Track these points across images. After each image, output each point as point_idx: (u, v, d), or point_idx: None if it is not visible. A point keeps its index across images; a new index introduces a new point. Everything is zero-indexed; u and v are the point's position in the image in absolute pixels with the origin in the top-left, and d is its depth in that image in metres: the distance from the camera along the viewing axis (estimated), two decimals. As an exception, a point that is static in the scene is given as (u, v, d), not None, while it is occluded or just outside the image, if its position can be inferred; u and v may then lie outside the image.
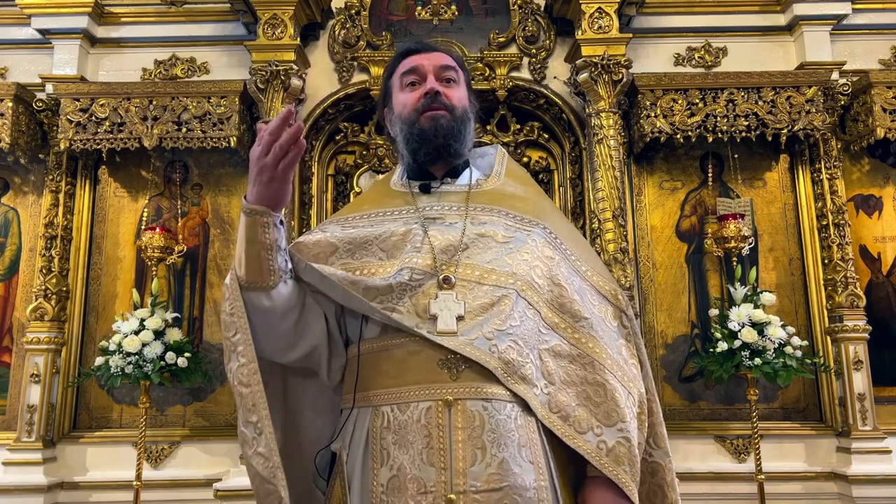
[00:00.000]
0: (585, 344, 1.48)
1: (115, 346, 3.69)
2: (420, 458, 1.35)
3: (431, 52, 1.67)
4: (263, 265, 1.44)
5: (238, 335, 1.45)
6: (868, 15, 4.35)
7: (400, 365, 1.43)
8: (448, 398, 1.37)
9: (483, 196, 1.64)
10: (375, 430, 1.41)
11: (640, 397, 1.50)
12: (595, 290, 1.58)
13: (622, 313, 1.59)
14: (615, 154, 3.87)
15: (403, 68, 1.66)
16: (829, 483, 3.84)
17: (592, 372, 1.46)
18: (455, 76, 1.66)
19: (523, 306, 1.46)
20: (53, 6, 4.20)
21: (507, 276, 1.47)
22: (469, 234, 1.53)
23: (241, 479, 3.60)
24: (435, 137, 1.59)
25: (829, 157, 4.12)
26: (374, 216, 1.62)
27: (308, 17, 4.20)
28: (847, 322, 3.92)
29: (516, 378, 1.39)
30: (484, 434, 1.35)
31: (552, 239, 1.59)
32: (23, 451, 3.82)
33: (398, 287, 1.45)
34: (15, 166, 4.29)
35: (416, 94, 1.62)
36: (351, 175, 4.46)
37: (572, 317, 1.50)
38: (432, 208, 1.60)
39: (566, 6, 4.12)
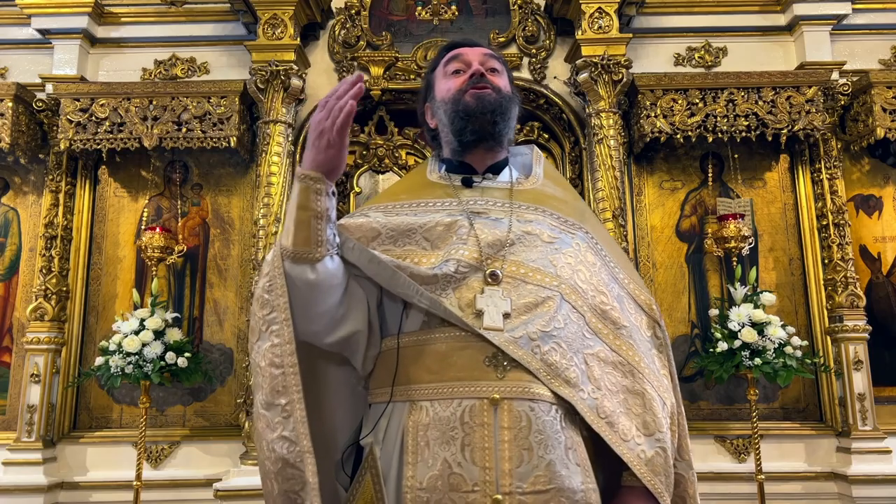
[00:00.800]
0: (626, 352, 1.47)
1: (115, 346, 3.69)
2: (462, 455, 1.33)
3: (475, 47, 1.67)
4: (312, 234, 1.39)
5: (274, 313, 1.40)
6: (868, 15, 4.35)
7: (443, 360, 1.40)
8: (494, 396, 1.34)
9: (525, 195, 1.62)
10: (414, 425, 1.39)
11: (672, 408, 1.50)
12: (632, 298, 1.58)
13: (656, 324, 1.58)
14: (615, 154, 3.87)
15: (448, 57, 1.66)
16: (829, 483, 3.84)
17: (633, 381, 1.45)
18: (499, 67, 1.65)
19: (567, 309, 1.44)
20: (53, 6, 4.20)
21: (552, 278, 1.46)
22: (515, 231, 1.51)
23: (241, 479, 3.60)
24: (482, 114, 1.56)
25: (829, 157, 4.12)
26: (416, 206, 1.59)
27: (308, 17, 4.20)
28: (847, 322, 3.92)
29: (560, 381, 1.38)
30: (531, 435, 1.33)
31: (593, 244, 1.58)
32: (23, 451, 3.82)
33: (443, 278, 1.42)
34: (15, 166, 4.29)
35: (461, 78, 1.61)
36: (351, 175, 4.46)
37: (613, 324, 1.49)
38: (476, 202, 1.57)
39: (566, 6, 4.12)
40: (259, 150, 4.01)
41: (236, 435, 3.86)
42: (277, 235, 1.47)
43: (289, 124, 4.02)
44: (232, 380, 4.08)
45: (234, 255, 4.22)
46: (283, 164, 3.93)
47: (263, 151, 3.95)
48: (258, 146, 4.05)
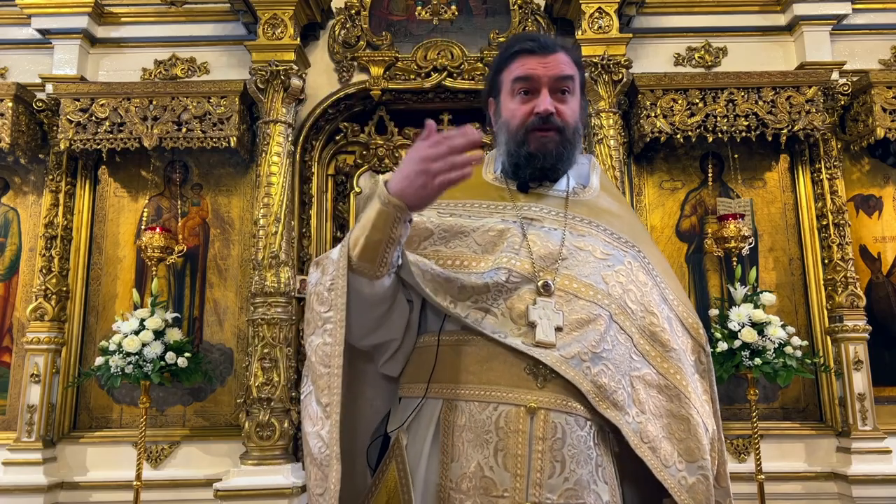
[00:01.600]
0: (674, 375, 1.46)
1: (115, 346, 3.68)
2: (495, 460, 1.33)
3: (548, 56, 1.54)
4: (379, 256, 1.36)
5: (331, 312, 1.39)
6: (868, 15, 4.35)
7: (483, 363, 1.39)
8: (532, 405, 1.34)
9: (580, 206, 1.60)
10: (449, 424, 1.39)
11: (713, 434, 1.49)
12: (679, 321, 1.56)
13: (701, 349, 1.57)
14: (615, 154, 3.87)
15: (516, 72, 1.55)
16: (829, 483, 3.84)
17: (679, 405, 1.44)
18: (571, 86, 1.56)
19: (615, 330, 1.43)
20: (53, 6, 4.20)
21: (604, 296, 1.44)
22: (568, 245, 1.49)
23: (241, 478, 3.60)
24: (543, 162, 1.54)
25: (829, 157, 4.12)
26: (470, 206, 1.57)
27: (308, 17, 4.20)
28: (847, 322, 3.92)
29: (608, 403, 1.37)
30: (564, 448, 1.33)
31: (645, 263, 1.56)
32: (23, 451, 3.82)
33: (494, 287, 1.41)
34: (15, 166, 4.29)
35: (527, 108, 1.53)
36: (351, 175, 4.46)
37: (662, 346, 1.47)
38: (531, 209, 1.55)
39: (566, 6, 4.12)
40: (259, 150, 4.01)
41: (236, 435, 3.86)
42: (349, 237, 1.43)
43: (289, 124, 4.01)
44: (232, 380, 4.08)
45: (234, 255, 4.22)
46: (283, 164, 3.93)
47: (263, 151, 3.95)
48: (258, 146, 4.05)
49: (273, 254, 3.83)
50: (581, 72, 1.61)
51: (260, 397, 3.69)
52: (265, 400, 3.68)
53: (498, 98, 1.61)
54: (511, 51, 1.58)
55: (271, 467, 3.62)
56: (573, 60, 1.58)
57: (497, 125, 1.62)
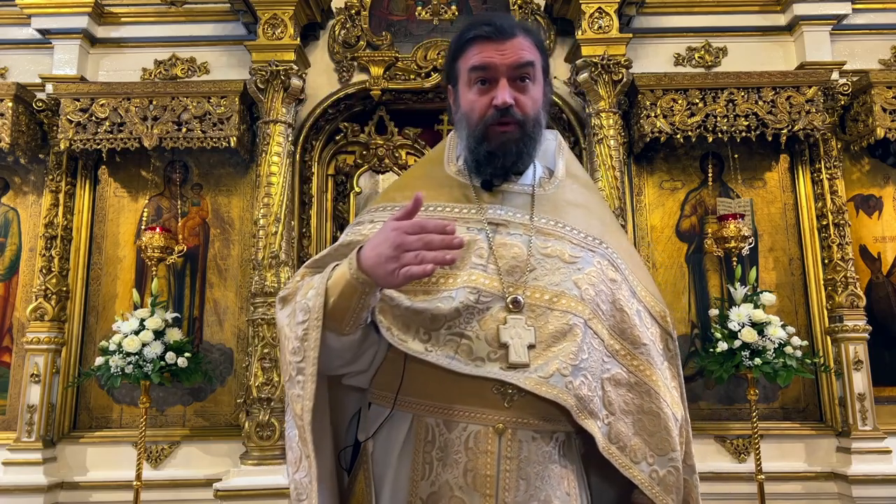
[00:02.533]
0: (643, 371, 1.46)
1: (115, 346, 3.69)
2: (464, 479, 1.33)
3: (506, 43, 1.45)
4: (347, 318, 1.34)
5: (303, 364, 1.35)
6: (868, 15, 4.35)
7: (452, 382, 1.36)
8: (499, 426, 1.34)
9: (547, 203, 1.55)
10: (419, 441, 1.38)
11: (682, 421, 1.50)
12: (647, 310, 1.55)
13: (668, 336, 1.57)
14: (615, 154, 3.87)
15: (472, 61, 1.46)
16: (829, 483, 3.84)
17: (649, 400, 1.44)
18: (531, 73, 1.47)
19: (590, 336, 1.42)
20: (53, 6, 4.20)
21: (577, 303, 1.42)
22: (535, 253, 1.46)
23: (241, 479, 3.60)
24: (504, 161, 1.49)
25: (829, 157, 4.12)
26: (434, 210, 1.51)
27: (308, 17, 4.20)
28: (847, 322, 3.92)
29: (586, 413, 1.36)
30: (530, 465, 1.35)
31: (614, 259, 1.53)
32: (23, 451, 3.82)
33: (465, 311, 1.38)
34: (15, 166, 4.29)
35: (485, 101, 1.46)
36: (351, 175, 4.46)
37: (632, 343, 1.47)
38: (496, 212, 1.50)
39: (566, 6, 4.12)
40: (259, 150, 4.01)
41: (236, 435, 3.86)
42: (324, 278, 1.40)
43: (289, 124, 4.01)
44: (232, 380, 4.08)
45: (234, 255, 4.22)
46: (283, 164, 3.92)
47: (263, 151, 3.95)
48: (258, 146, 4.05)
49: (273, 254, 3.83)
50: (544, 55, 1.52)
51: (260, 397, 3.69)
52: (265, 400, 3.68)
53: (456, 87, 1.54)
54: (467, 37, 1.49)
55: (271, 467, 3.62)
56: (534, 44, 1.50)
57: (457, 116, 1.55)
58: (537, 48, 1.50)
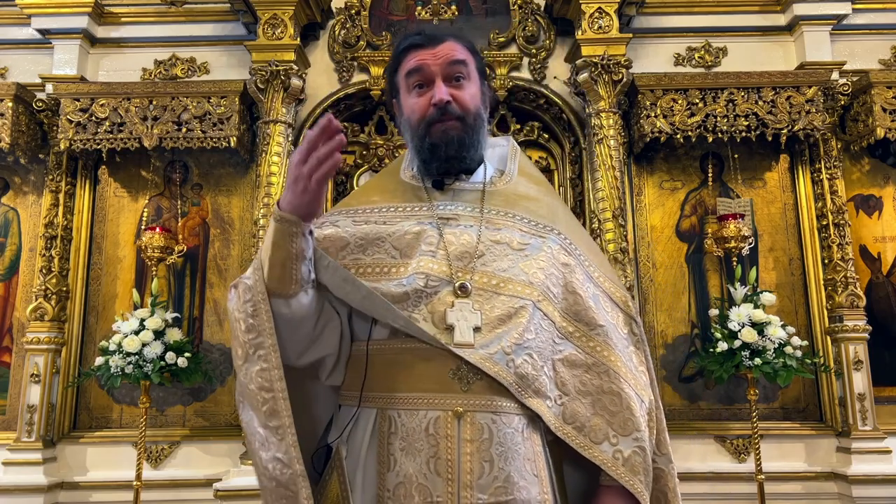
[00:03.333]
0: (601, 353, 1.46)
1: (115, 346, 3.69)
2: (427, 467, 1.35)
3: (437, 46, 1.54)
4: (286, 273, 1.39)
5: (261, 338, 1.39)
6: (868, 15, 4.35)
7: (410, 370, 1.41)
8: (458, 409, 1.36)
9: (497, 197, 1.60)
10: (383, 434, 1.40)
11: (650, 405, 1.49)
12: (607, 296, 1.56)
13: (632, 320, 1.57)
14: (615, 154, 3.87)
15: (408, 66, 1.55)
16: (829, 483, 3.84)
17: (608, 381, 1.44)
18: (464, 71, 1.55)
19: (539, 318, 1.44)
20: (53, 6, 4.20)
21: (524, 287, 1.44)
22: (485, 241, 1.49)
23: (241, 479, 3.60)
24: (447, 150, 1.53)
25: (829, 157, 4.12)
26: (386, 211, 1.57)
27: (308, 17, 4.20)
28: (847, 322, 3.92)
29: (530, 392, 1.38)
30: (492, 447, 1.35)
31: (567, 244, 1.55)
32: (23, 451, 3.82)
33: (414, 294, 1.42)
34: (15, 166, 4.29)
35: (424, 101, 1.53)
36: (351, 175, 4.46)
37: (587, 325, 1.48)
38: (446, 207, 1.55)
39: (566, 6, 4.12)
40: (259, 150, 4.01)
41: (236, 435, 3.86)
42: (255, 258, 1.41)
43: (289, 124, 4.02)
44: (232, 380, 4.07)
45: (234, 255, 4.22)
46: (283, 164, 3.92)
47: (263, 151, 3.95)
48: (258, 146, 4.05)
49: (273, 254, 3.82)
50: (477, 57, 1.60)
51: (260, 397, 3.68)
52: (265, 400, 3.68)
53: (399, 98, 1.61)
54: (401, 48, 1.59)
55: (271, 467, 3.61)
56: (465, 47, 1.58)
57: (402, 124, 1.62)
58: (469, 51, 1.59)
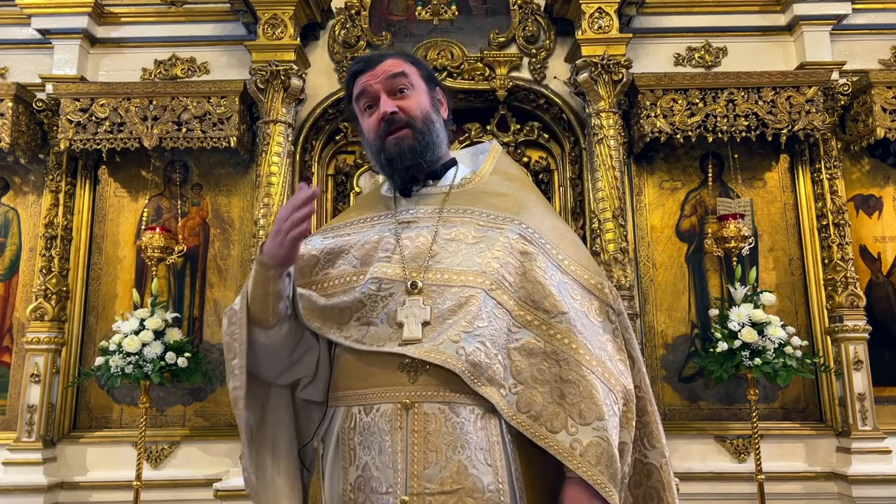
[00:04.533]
0: (561, 340, 1.43)
1: (115, 346, 3.69)
2: (380, 459, 1.39)
3: (377, 67, 1.63)
4: (265, 307, 1.50)
5: (236, 360, 1.50)
6: (868, 15, 4.35)
7: (366, 368, 1.46)
8: (406, 401, 1.39)
9: (462, 196, 1.64)
10: (344, 430, 1.46)
11: (626, 394, 1.45)
12: (577, 283, 1.53)
13: (608, 307, 1.53)
14: (615, 154, 3.87)
15: (356, 92, 1.66)
16: (829, 483, 3.84)
17: (568, 369, 1.41)
18: (406, 82, 1.63)
19: (492, 306, 1.45)
20: (53, 6, 4.20)
21: (476, 276, 1.47)
22: (439, 240, 1.54)
23: (241, 479, 3.59)
24: (402, 161, 1.60)
25: (829, 157, 4.12)
26: (357, 223, 1.68)
27: (308, 17, 4.20)
28: (847, 322, 3.92)
29: (483, 380, 1.39)
30: (440, 437, 1.37)
31: (529, 234, 1.55)
32: (23, 451, 3.82)
33: (368, 299, 1.50)
34: (15, 166, 4.29)
35: (374, 119, 1.62)
36: (351, 175, 4.46)
37: (546, 312, 1.46)
38: (408, 212, 1.62)
39: (566, 6, 4.12)
40: (259, 150, 4.01)
41: (236, 435, 3.80)
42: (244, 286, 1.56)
43: (289, 124, 4.01)
44: (232, 380, 4.07)
45: (234, 255, 4.22)
46: (283, 164, 3.92)
47: (263, 151, 3.95)
48: (258, 146, 4.05)
49: (273, 254, 3.82)
50: (420, 66, 1.69)
51: (260, 397, 3.68)
52: (265, 400, 3.68)
53: (359, 123, 1.71)
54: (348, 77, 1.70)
55: (271, 467, 3.62)
56: (406, 60, 1.67)
57: (365, 147, 1.71)
58: (410, 62, 1.67)
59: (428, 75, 1.70)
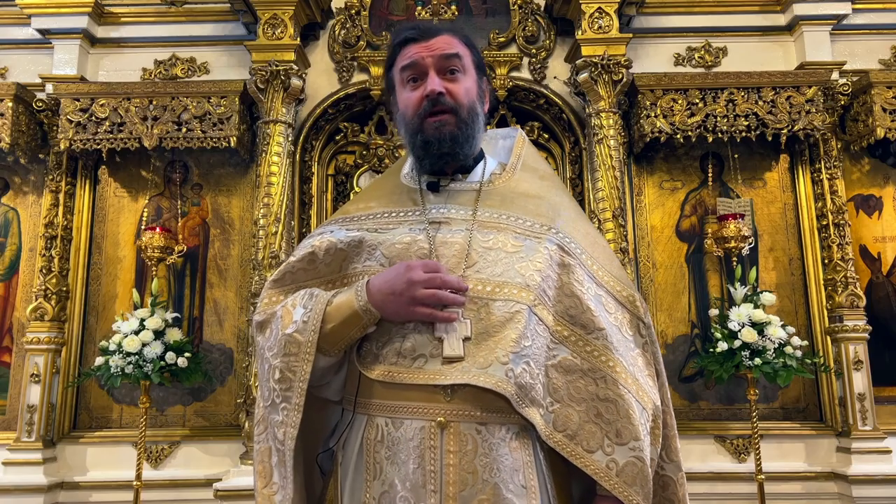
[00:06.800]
0: (598, 357, 1.41)
1: (115, 346, 3.68)
2: (412, 478, 1.33)
3: (431, 39, 1.53)
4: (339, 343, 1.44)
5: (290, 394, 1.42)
6: (868, 15, 4.35)
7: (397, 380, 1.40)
8: (441, 420, 1.33)
9: (494, 196, 1.56)
10: (369, 441, 1.39)
11: (655, 410, 1.44)
12: (611, 295, 1.50)
13: (639, 321, 1.51)
14: (615, 154, 3.87)
15: (403, 61, 1.54)
16: (829, 483, 3.84)
17: (605, 387, 1.39)
18: (459, 64, 1.53)
19: (534, 322, 1.40)
20: (53, 6, 4.20)
21: (521, 290, 1.40)
22: (477, 247, 1.46)
23: (241, 479, 3.60)
24: (439, 147, 1.51)
25: (829, 157, 4.12)
26: (381, 217, 1.58)
27: (308, 17, 4.20)
28: (847, 322, 3.92)
29: (527, 402, 1.35)
30: (476, 458, 1.32)
31: (566, 243, 1.50)
32: (23, 451, 3.82)
33: None
34: (15, 166, 4.29)
35: (417, 95, 1.52)
36: (351, 175, 4.46)
37: (584, 328, 1.43)
38: (439, 211, 1.53)
39: (566, 6, 4.12)
40: (259, 150, 4.01)
41: (236, 435, 3.86)
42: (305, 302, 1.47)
43: (289, 124, 4.01)
44: (232, 380, 4.08)
45: (234, 255, 4.22)
46: (283, 164, 3.92)
47: (263, 151, 3.95)
48: (258, 146, 4.05)
49: (273, 254, 3.82)
50: (474, 52, 1.59)
51: (260, 397, 3.68)
52: (265, 400, 3.67)
53: (395, 94, 1.61)
54: (395, 42, 1.58)
55: (271, 467, 3.61)
56: (461, 41, 1.57)
57: (397, 119, 1.61)
58: (465, 45, 1.57)
59: (479, 63, 1.60)
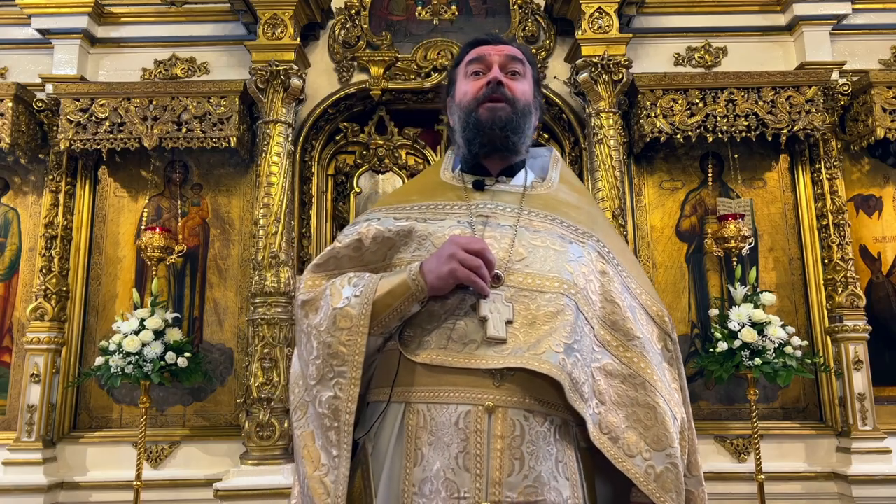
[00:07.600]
0: (637, 364, 1.44)
1: (115, 346, 3.68)
2: (456, 462, 1.33)
3: (500, 45, 1.64)
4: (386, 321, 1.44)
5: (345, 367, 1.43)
6: (868, 15, 4.35)
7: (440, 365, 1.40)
8: (489, 404, 1.34)
9: (537, 200, 1.60)
10: (410, 427, 1.39)
11: (683, 423, 1.46)
12: (643, 309, 1.54)
13: (667, 336, 1.55)
14: (615, 154, 3.87)
15: (470, 57, 1.64)
16: (829, 483, 3.84)
17: (644, 394, 1.42)
18: (521, 70, 1.62)
19: (582, 321, 1.42)
20: (53, 6, 4.20)
21: (570, 286, 1.43)
22: (524, 242, 1.49)
23: (241, 479, 3.60)
24: (492, 129, 1.55)
25: (829, 157, 4.12)
26: (426, 208, 1.60)
27: (308, 17, 4.20)
28: (847, 322, 3.92)
29: (577, 395, 1.35)
30: (523, 445, 1.33)
31: (605, 252, 1.55)
32: (23, 451, 3.82)
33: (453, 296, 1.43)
34: (15, 166, 4.29)
35: (478, 84, 1.59)
36: (351, 175, 4.46)
37: (625, 335, 1.46)
38: (485, 206, 1.56)
39: (566, 6, 4.12)
40: (259, 150, 4.01)
41: (236, 435, 3.86)
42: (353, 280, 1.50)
43: (289, 124, 4.01)
44: (232, 380, 4.08)
45: (234, 255, 4.22)
46: (283, 164, 3.92)
47: (263, 151, 3.95)
48: (258, 146, 4.05)
49: (273, 254, 3.83)
50: (534, 69, 1.68)
51: (260, 397, 3.69)
52: (265, 400, 3.68)
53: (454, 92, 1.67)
54: (466, 44, 1.69)
55: (271, 467, 3.62)
56: (526, 56, 1.66)
57: (452, 111, 1.67)
58: (529, 61, 1.66)
59: (536, 79, 1.69)
